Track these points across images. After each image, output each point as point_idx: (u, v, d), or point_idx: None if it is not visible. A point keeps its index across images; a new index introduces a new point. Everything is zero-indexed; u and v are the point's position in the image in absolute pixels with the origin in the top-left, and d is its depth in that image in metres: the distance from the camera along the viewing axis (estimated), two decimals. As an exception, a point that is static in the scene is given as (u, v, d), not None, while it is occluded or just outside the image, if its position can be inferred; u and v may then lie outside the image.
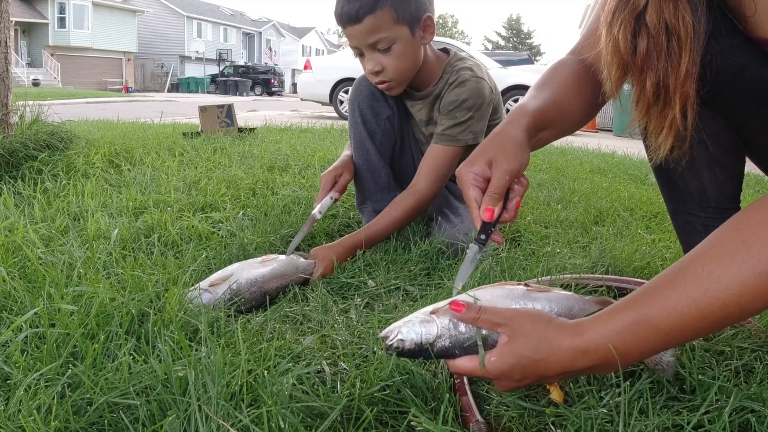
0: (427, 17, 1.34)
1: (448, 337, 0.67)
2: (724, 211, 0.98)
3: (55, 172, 2.07)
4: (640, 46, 0.69)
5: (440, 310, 0.70)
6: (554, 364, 0.63)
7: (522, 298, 0.75)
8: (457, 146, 1.38)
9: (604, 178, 2.70)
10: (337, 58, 9.14)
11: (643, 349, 0.61)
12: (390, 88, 1.39)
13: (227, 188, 1.92)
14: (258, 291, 1.07)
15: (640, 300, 0.61)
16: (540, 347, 0.63)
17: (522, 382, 0.65)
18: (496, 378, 0.65)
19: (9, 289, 0.99)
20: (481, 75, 1.40)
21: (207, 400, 0.67)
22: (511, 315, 0.66)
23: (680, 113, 0.71)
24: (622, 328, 0.61)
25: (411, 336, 0.67)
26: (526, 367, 0.63)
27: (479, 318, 0.66)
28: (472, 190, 0.79)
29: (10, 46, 2.37)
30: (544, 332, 0.63)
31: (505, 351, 0.64)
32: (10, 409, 0.66)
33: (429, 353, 0.68)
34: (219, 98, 19.90)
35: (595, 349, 0.61)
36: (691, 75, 0.69)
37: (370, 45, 1.31)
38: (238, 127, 3.75)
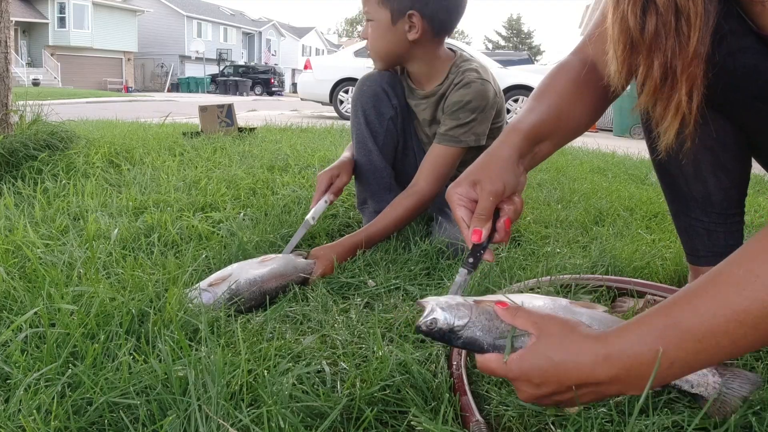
0: (412, 14, 1.36)
1: (480, 329, 0.65)
2: (728, 216, 0.97)
3: (55, 172, 2.07)
4: (648, 25, 0.67)
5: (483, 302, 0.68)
6: (573, 369, 0.58)
7: (563, 309, 0.74)
8: (459, 147, 1.38)
9: (604, 178, 2.70)
10: (337, 58, 9.14)
11: (674, 359, 0.54)
12: (371, 58, 1.48)
13: (227, 188, 1.92)
14: (257, 291, 1.07)
15: (669, 305, 0.57)
16: (561, 349, 0.59)
17: (541, 389, 0.61)
18: (515, 378, 0.62)
19: (9, 288, 0.99)
20: (486, 77, 1.40)
21: (207, 399, 0.67)
22: (544, 316, 0.64)
23: (687, 95, 0.69)
24: (648, 334, 0.56)
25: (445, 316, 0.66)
26: (545, 370, 0.60)
27: (516, 314, 0.65)
28: (460, 210, 0.79)
29: (10, 46, 2.37)
30: (568, 335, 0.60)
31: (528, 350, 0.62)
32: (10, 408, 0.66)
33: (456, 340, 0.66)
34: (219, 98, 19.89)
35: (617, 355, 0.56)
36: (699, 56, 0.67)
37: (365, 12, 1.42)
38: (238, 126, 3.75)
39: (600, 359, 0.57)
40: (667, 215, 1.83)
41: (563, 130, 0.89)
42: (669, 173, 0.99)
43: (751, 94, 0.77)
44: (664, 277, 1.25)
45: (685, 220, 1.01)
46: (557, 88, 0.89)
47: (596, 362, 0.57)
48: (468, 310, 0.67)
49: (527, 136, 0.83)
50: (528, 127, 0.83)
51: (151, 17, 34.22)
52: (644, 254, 1.35)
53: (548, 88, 0.89)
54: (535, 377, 0.60)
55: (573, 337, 0.60)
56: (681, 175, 0.96)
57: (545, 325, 0.62)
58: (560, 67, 0.92)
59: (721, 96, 0.80)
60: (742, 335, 0.52)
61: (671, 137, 0.74)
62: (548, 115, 0.86)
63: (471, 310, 0.67)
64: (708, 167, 0.93)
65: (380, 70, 1.50)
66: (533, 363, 0.60)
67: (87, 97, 15.05)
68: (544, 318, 0.63)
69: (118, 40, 31.70)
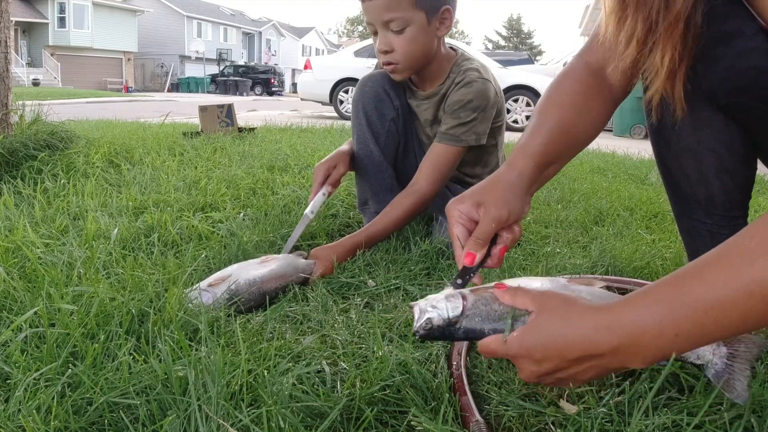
0: (446, 9, 1.34)
1: (478, 314, 0.65)
2: (731, 219, 0.97)
3: (55, 171, 2.07)
4: None
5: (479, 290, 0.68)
6: (575, 340, 0.57)
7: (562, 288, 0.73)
8: (460, 146, 1.38)
9: (604, 178, 2.70)
10: (337, 58, 9.14)
11: (679, 329, 0.52)
12: (395, 71, 1.38)
13: (227, 188, 1.92)
14: (257, 291, 1.07)
15: (678, 276, 0.55)
16: (562, 323, 0.58)
17: (542, 365, 0.59)
18: (516, 356, 0.61)
19: (9, 288, 0.99)
20: (487, 77, 1.40)
21: (207, 399, 0.67)
22: (544, 292, 0.64)
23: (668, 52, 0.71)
24: (653, 303, 0.54)
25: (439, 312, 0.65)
26: (546, 344, 0.58)
27: (516, 294, 0.64)
28: (457, 228, 0.78)
29: (10, 46, 2.38)
30: (568, 308, 0.59)
31: (528, 326, 0.61)
32: (9, 408, 0.66)
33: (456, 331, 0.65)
34: (219, 98, 19.89)
35: (620, 324, 0.55)
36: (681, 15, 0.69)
37: (384, 23, 1.32)
38: (238, 126, 3.75)
39: (602, 329, 0.55)
40: (668, 215, 1.83)
41: (572, 149, 0.89)
42: (672, 175, 0.98)
43: (757, 95, 0.77)
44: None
45: (688, 222, 1.00)
46: (564, 102, 0.87)
47: (598, 332, 0.56)
48: (460, 300, 0.66)
49: (538, 162, 0.82)
50: (538, 152, 0.83)
51: (151, 17, 34.23)
52: (644, 254, 1.35)
53: (555, 101, 0.88)
54: (536, 353, 0.59)
55: (574, 309, 0.59)
56: (684, 177, 0.96)
57: (545, 300, 0.61)
58: (565, 75, 0.90)
59: (728, 97, 0.80)
60: (752, 307, 0.50)
61: (653, 94, 0.76)
62: (558, 134, 0.85)
63: (465, 299, 0.66)
64: (712, 169, 0.92)
65: (403, 79, 1.43)
66: (534, 339, 0.59)
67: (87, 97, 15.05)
68: (543, 294, 0.63)
69: (118, 40, 31.70)
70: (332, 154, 1.46)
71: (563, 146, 0.86)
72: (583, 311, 0.58)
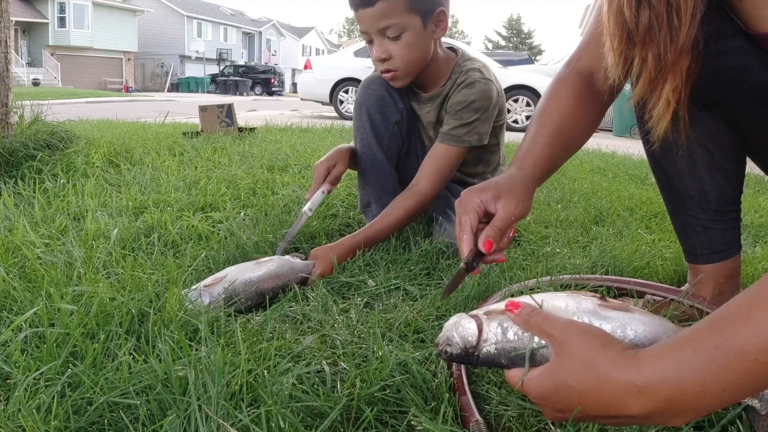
0: (441, 11, 1.33)
1: (494, 343, 0.60)
2: (725, 213, 0.98)
3: (55, 171, 2.07)
4: (642, 17, 0.69)
5: (494, 312, 0.63)
6: (599, 401, 0.50)
7: (589, 314, 0.63)
8: (462, 147, 1.38)
9: (604, 178, 2.70)
10: (337, 58, 9.14)
11: (726, 384, 0.45)
12: (395, 78, 1.37)
13: (227, 188, 1.92)
14: (254, 291, 1.07)
15: (719, 320, 0.48)
16: (585, 376, 0.51)
17: (566, 414, 0.53)
18: (536, 402, 0.56)
19: (9, 288, 0.99)
20: (489, 77, 1.39)
21: (207, 399, 0.67)
22: (562, 326, 0.55)
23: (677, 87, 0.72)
24: (695, 357, 0.46)
25: (456, 340, 0.62)
26: (566, 396, 0.52)
27: (530, 321, 0.58)
28: (472, 215, 0.78)
29: (10, 46, 2.37)
30: (593, 356, 0.51)
31: (545, 372, 0.54)
32: (9, 408, 0.66)
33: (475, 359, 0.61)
34: (219, 98, 19.89)
35: (655, 387, 0.47)
36: (687, 48, 0.69)
37: (380, 31, 1.30)
38: (238, 126, 3.75)
39: (633, 392, 0.48)
40: (667, 216, 1.83)
41: (569, 152, 0.93)
42: (664, 171, 1.00)
43: (742, 94, 0.78)
44: (664, 277, 1.25)
45: (682, 219, 1.02)
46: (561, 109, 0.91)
47: (628, 395, 0.48)
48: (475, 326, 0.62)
49: (543, 167, 0.86)
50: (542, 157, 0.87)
51: (151, 17, 34.22)
52: (644, 254, 1.35)
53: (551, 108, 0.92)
54: (557, 403, 0.54)
55: (597, 360, 0.51)
56: (676, 173, 0.97)
57: (563, 340, 0.54)
58: (558, 84, 0.93)
59: (712, 96, 0.81)
60: None
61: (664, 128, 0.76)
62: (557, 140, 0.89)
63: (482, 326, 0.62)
64: (703, 165, 0.94)
65: (403, 86, 1.41)
66: (553, 388, 0.53)
67: (87, 97, 15.05)
68: (561, 330, 0.55)
69: (118, 40, 31.70)
70: (332, 152, 1.45)
71: (561, 151, 0.90)
72: (609, 366, 0.50)
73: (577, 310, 0.63)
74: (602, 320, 0.62)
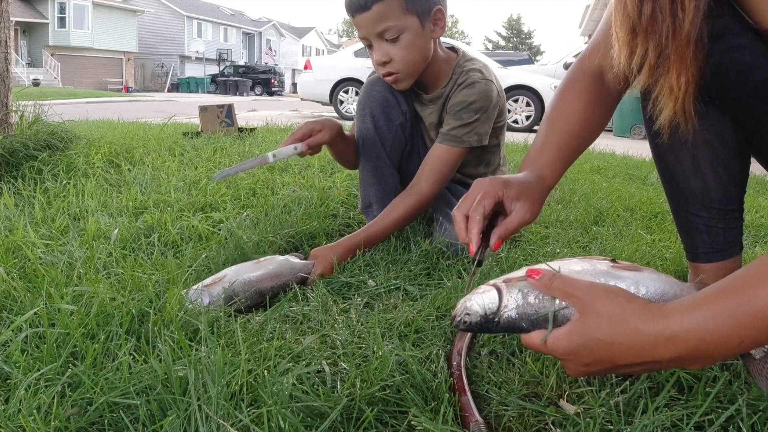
0: (438, 10, 1.33)
1: (516, 308, 0.62)
2: (727, 212, 0.98)
3: (56, 172, 2.07)
4: (645, 9, 0.72)
5: (513, 279, 0.65)
6: (629, 351, 0.55)
7: (605, 275, 0.68)
8: (462, 147, 1.38)
9: (604, 178, 2.70)
10: (338, 58, 9.14)
11: (743, 336, 0.52)
12: (397, 80, 1.37)
13: (227, 188, 1.92)
14: (254, 292, 1.07)
15: (741, 282, 0.54)
16: (614, 330, 0.56)
17: (592, 367, 0.58)
18: (562, 358, 0.60)
19: (9, 289, 0.99)
20: (489, 77, 1.39)
21: (207, 399, 0.67)
22: (585, 287, 0.60)
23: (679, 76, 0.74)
24: (719, 313, 0.53)
25: (475, 308, 0.63)
26: (596, 350, 0.56)
27: (552, 285, 0.61)
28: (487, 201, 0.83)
29: (10, 46, 2.38)
30: (620, 312, 0.56)
31: (573, 329, 0.58)
32: (10, 408, 0.66)
33: (495, 326, 0.63)
34: (219, 98, 19.89)
35: (683, 336, 0.53)
36: (691, 38, 0.71)
37: (378, 34, 1.30)
38: (238, 127, 3.75)
39: (662, 340, 0.54)
40: (667, 215, 1.83)
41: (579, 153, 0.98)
42: (668, 168, 1.00)
43: (747, 91, 0.78)
44: (664, 277, 1.25)
45: (685, 217, 1.02)
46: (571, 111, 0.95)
47: (657, 343, 0.54)
48: (495, 293, 0.64)
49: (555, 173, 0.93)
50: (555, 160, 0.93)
51: (151, 17, 34.23)
52: (644, 254, 1.35)
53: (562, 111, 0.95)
54: (585, 357, 0.58)
55: (626, 315, 0.56)
56: (680, 170, 0.98)
57: (589, 300, 0.58)
58: (568, 84, 0.97)
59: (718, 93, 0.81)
60: None
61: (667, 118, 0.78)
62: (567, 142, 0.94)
63: (500, 292, 0.64)
64: (707, 162, 0.94)
65: (405, 88, 1.40)
66: (582, 344, 0.57)
67: (87, 97, 15.06)
68: (585, 291, 0.59)
69: (118, 40, 31.70)
70: (322, 118, 1.41)
71: (572, 153, 0.95)
72: (638, 318, 0.55)
73: (593, 272, 0.67)
74: (617, 279, 0.67)
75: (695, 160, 0.95)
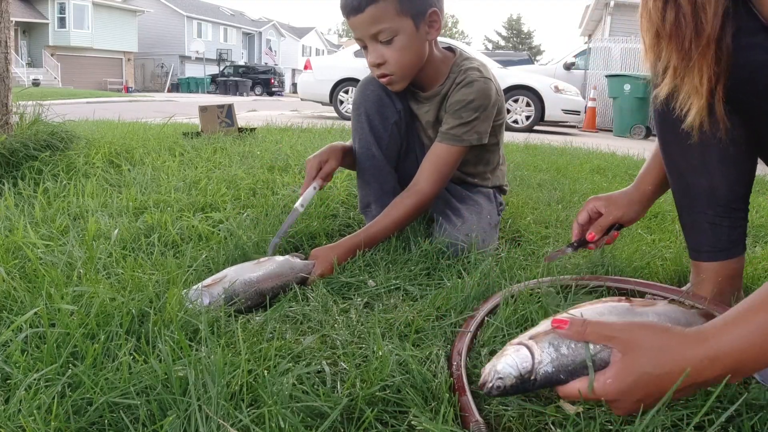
0: (433, 12, 1.33)
1: (551, 362, 0.62)
2: (732, 211, 0.99)
3: (56, 172, 2.07)
4: (668, 15, 0.77)
5: (539, 334, 0.65)
6: (678, 377, 0.57)
7: (627, 313, 0.70)
8: (461, 146, 1.38)
9: (605, 178, 2.70)
10: (337, 58, 9.14)
11: None
12: (391, 82, 1.37)
13: (227, 188, 1.92)
14: (254, 292, 1.07)
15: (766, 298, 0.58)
16: (662, 360, 0.58)
17: (645, 401, 0.60)
18: (613, 399, 0.60)
19: (9, 289, 0.99)
20: (488, 75, 1.39)
21: (207, 400, 0.67)
22: (622, 327, 0.61)
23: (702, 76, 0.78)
24: (753, 331, 0.57)
25: (508, 370, 0.62)
26: (647, 383, 0.58)
27: (585, 331, 0.62)
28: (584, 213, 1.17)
29: (10, 46, 2.38)
30: (665, 343, 0.59)
31: (621, 369, 0.59)
32: (10, 408, 0.66)
33: (532, 384, 0.63)
34: (219, 98, 19.89)
35: (724, 356, 0.57)
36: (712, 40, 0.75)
37: (372, 36, 1.30)
38: (238, 127, 3.75)
39: (707, 362, 0.57)
40: (667, 215, 1.83)
41: None
42: (676, 165, 1.01)
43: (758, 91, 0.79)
44: (664, 277, 1.25)
45: (690, 214, 1.03)
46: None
47: (703, 366, 0.57)
48: (527, 351, 0.63)
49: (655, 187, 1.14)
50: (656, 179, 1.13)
51: (151, 17, 34.22)
52: (644, 254, 1.35)
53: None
54: (637, 394, 0.59)
55: (670, 344, 0.59)
56: (688, 167, 0.98)
57: (629, 338, 0.60)
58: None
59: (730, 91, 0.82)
60: None
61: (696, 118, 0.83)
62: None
63: (531, 350, 0.63)
64: (715, 158, 0.95)
65: (400, 89, 1.41)
66: (634, 381, 0.59)
67: (87, 97, 15.05)
68: (623, 330, 0.61)
69: (118, 41, 31.70)
70: (324, 148, 1.44)
71: None
72: (680, 345, 0.58)
73: (616, 313, 0.70)
74: (639, 316, 0.70)
75: (703, 156, 0.95)
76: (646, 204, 1.14)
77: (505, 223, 1.68)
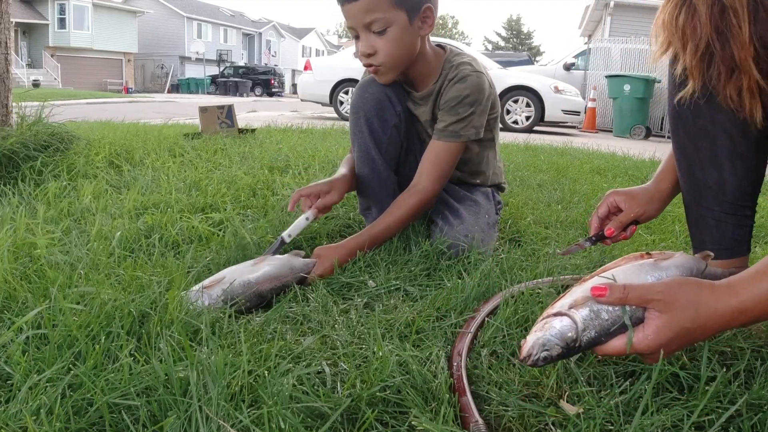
0: (427, 7, 1.33)
1: (593, 328, 0.67)
2: (739, 208, 0.99)
3: (56, 172, 2.07)
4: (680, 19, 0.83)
5: (578, 300, 0.69)
6: (711, 328, 0.66)
7: (654, 269, 0.77)
8: (460, 142, 1.38)
9: (605, 178, 2.70)
10: (337, 59, 9.14)
11: None
12: (379, 72, 1.36)
13: (227, 189, 1.92)
14: (253, 293, 1.07)
15: None
16: (698, 315, 0.65)
17: (678, 349, 0.68)
18: (653, 351, 0.66)
19: (10, 290, 0.99)
20: (480, 69, 1.39)
21: (208, 400, 0.67)
22: (662, 289, 0.67)
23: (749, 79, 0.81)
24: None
25: (554, 341, 0.66)
26: (683, 336, 0.66)
27: (627, 297, 0.67)
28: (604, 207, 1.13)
29: (10, 47, 2.38)
30: (701, 300, 0.66)
31: (660, 325, 0.65)
32: (11, 409, 0.66)
33: (577, 350, 0.67)
34: (219, 99, 19.90)
35: (752, 308, 0.65)
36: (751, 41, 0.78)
37: (365, 25, 1.30)
38: (238, 127, 3.75)
39: (736, 314, 0.65)
40: (668, 215, 1.83)
41: None
42: (686, 160, 1.02)
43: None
44: (664, 277, 1.25)
45: (697, 211, 1.03)
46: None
47: (733, 317, 0.65)
48: (569, 320, 0.67)
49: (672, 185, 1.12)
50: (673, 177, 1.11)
51: (151, 18, 34.23)
52: (644, 255, 1.35)
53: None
54: (673, 346, 0.66)
55: (703, 299, 0.66)
56: (697, 161, 0.99)
57: (669, 297, 0.66)
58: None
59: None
60: None
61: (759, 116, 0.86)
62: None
63: (573, 318, 0.67)
64: (725, 152, 0.95)
65: (388, 82, 1.40)
66: (671, 337, 0.65)
67: (87, 98, 15.05)
68: (663, 292, 0.66)
69: (118, 41, 31.71)
70: (331, 178, 1.42)
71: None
72: (712, 299, 0.66)
73: (646, 272, 0.76)
74: (665, 270, 0.77)
75: (713, 149, 0.96)
76: (664, 201, 1.13)
77: (506, 224, 1.68)
